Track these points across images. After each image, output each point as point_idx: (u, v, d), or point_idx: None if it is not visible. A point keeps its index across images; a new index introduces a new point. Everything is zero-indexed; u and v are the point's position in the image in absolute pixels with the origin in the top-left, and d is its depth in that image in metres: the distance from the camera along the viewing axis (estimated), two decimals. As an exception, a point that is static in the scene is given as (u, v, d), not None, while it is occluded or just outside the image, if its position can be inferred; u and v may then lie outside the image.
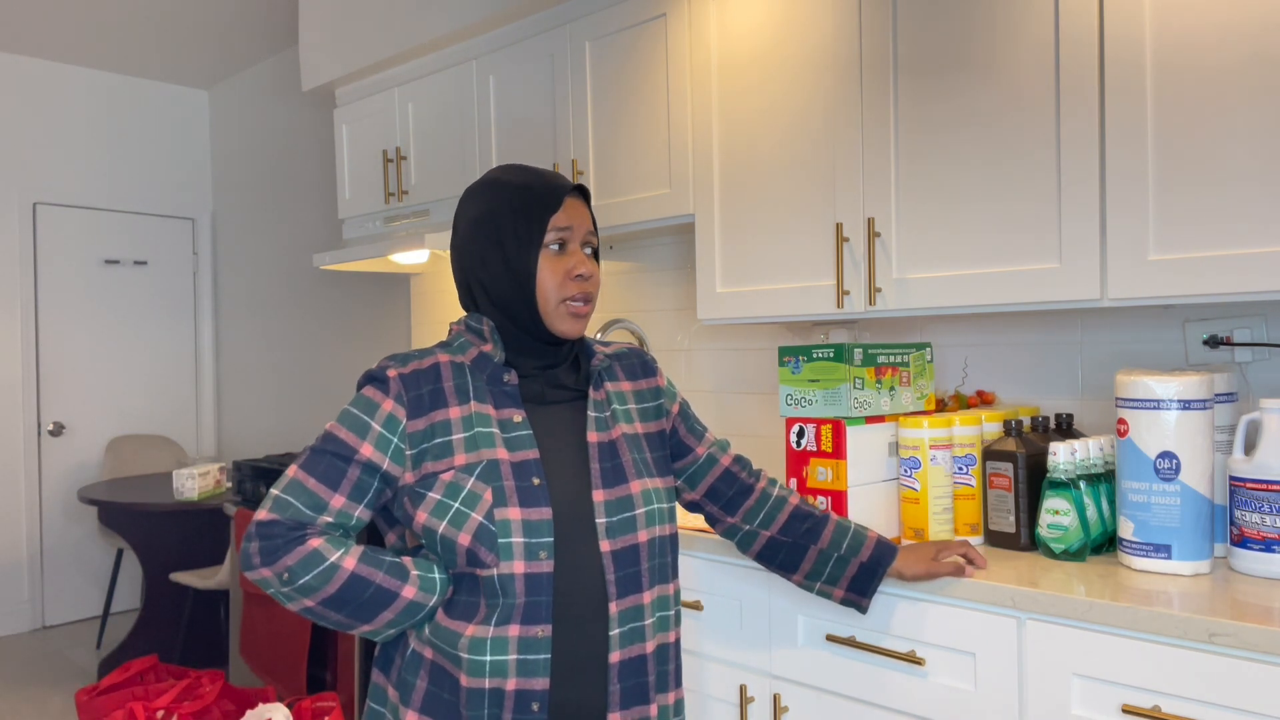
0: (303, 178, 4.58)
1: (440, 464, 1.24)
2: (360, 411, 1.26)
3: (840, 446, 1.67)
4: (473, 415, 1.27)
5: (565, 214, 1.29)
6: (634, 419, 1.38)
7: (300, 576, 1.20)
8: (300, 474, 1.24)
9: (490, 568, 1.22)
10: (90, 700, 2.77)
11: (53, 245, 4.76)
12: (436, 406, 1.26)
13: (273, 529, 1.22)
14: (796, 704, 1.72)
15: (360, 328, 4.22)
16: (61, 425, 4.75)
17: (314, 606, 1.22)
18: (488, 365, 1.30)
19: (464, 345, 1.32)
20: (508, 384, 1.30)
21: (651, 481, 1.34)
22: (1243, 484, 1.49)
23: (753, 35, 2.14)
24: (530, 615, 1.23)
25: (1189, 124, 1.52)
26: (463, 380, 1.29)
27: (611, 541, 1.27)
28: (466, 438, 1.25)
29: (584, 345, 1.40)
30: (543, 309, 1.29)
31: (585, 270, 1.29)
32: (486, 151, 2.84)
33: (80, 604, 4.83)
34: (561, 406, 1.34)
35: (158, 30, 4.39)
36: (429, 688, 1.26)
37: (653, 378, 1.45)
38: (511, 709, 1.22)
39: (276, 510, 1.23)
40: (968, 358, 2.16)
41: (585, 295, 1.30)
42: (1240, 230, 1.47)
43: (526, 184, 1.30)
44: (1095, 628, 1.37)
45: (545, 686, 1.23)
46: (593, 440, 1.31)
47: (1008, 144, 1.73)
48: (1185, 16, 1.52)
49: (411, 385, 1.27)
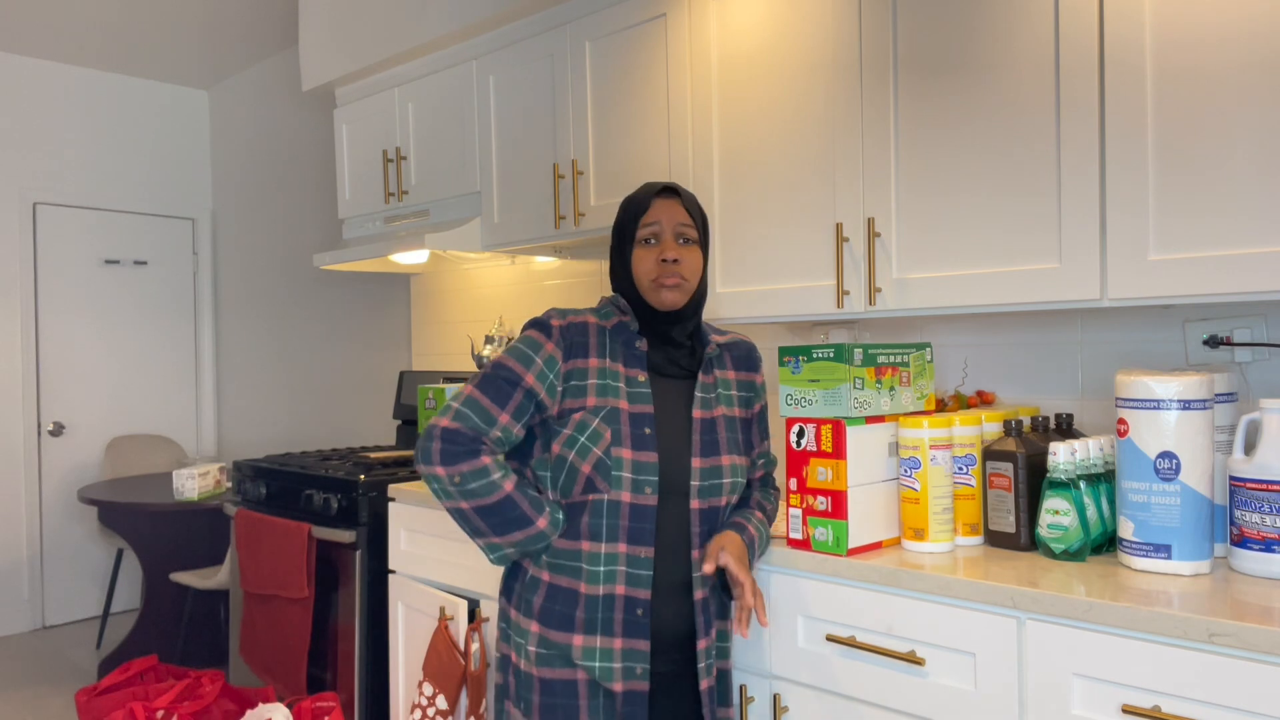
0: (303, 178, 4.58)
1: (575, 403, 1.55)
2: (527, 348, 1.57)
3: (840, 446, 1.67)
4: (606, 368, 1.57)
5: (653, 213, 1.60)
6: (734, 404, 1.68)
7: (470, 483, 1.51)
8: (476, 392, 1.54)
9: (603, 494, 1.52)
10: (90, 700, 2.77)
11: (53, 245, 4.76)
12: (582, 355, 1.57)
13: (456, 436, 1.52)
14: (796, 704, 1.72)
15: (360, 328, 4.22)
16: (61, 425, 4.75)
17: (468, 509, 1.53)
18: (624, 332, 1.62)
19: (608, 314, 1.64)
20: (638, 349, 1.61)
21: (738, 458, 1.64)
22: (1243, 484, 1.49)
23: (753, 35, 2.14)
24: (635, 537, 1.53)
25: (1189, 124, 1.52)
26: (603, 340, 1.60)
27: (701, 501, 1.58)
28: (598, 385, 1.56)
29: (701, 334, 1.68)
30: (641, 289, 1.60)
31: (671, 255, 1.57)
32: (486, 151, 2.83)
33: (80, 604, 4.83)
34: (677, 381, 1.63)
35: (158, 30, 4.39)
36: (544, 603, 1.55)
37: (755, 373, 1.74)
38: (622, 610, 1.52)
39: (459, 420, 1.52)
40: (968, 358, 2.16)
41: (673, 274, 1.57)
42: (1240, 230, 1.47)
43: (629, 197, 1.65)
44: (1095, 628, 1.36)
45: (647, 597, 1.53)
46: (697, 416, 1.61)
47: (1008, 143, 1.73)
48: (1185, 17, 1.52)
49: (567, 334, 1.58)
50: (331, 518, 2.87)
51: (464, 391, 1.55)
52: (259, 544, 3.01)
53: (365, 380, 4.20)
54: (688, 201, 1.63)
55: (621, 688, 1.52)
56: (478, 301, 3.53)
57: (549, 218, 2.64)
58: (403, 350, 3.97)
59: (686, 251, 1.59)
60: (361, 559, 2.77)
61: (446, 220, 2.98)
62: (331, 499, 2.87)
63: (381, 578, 2.81)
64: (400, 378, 3.67)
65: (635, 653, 1.52)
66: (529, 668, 1.56)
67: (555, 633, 1.54)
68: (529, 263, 3.31)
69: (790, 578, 1.73)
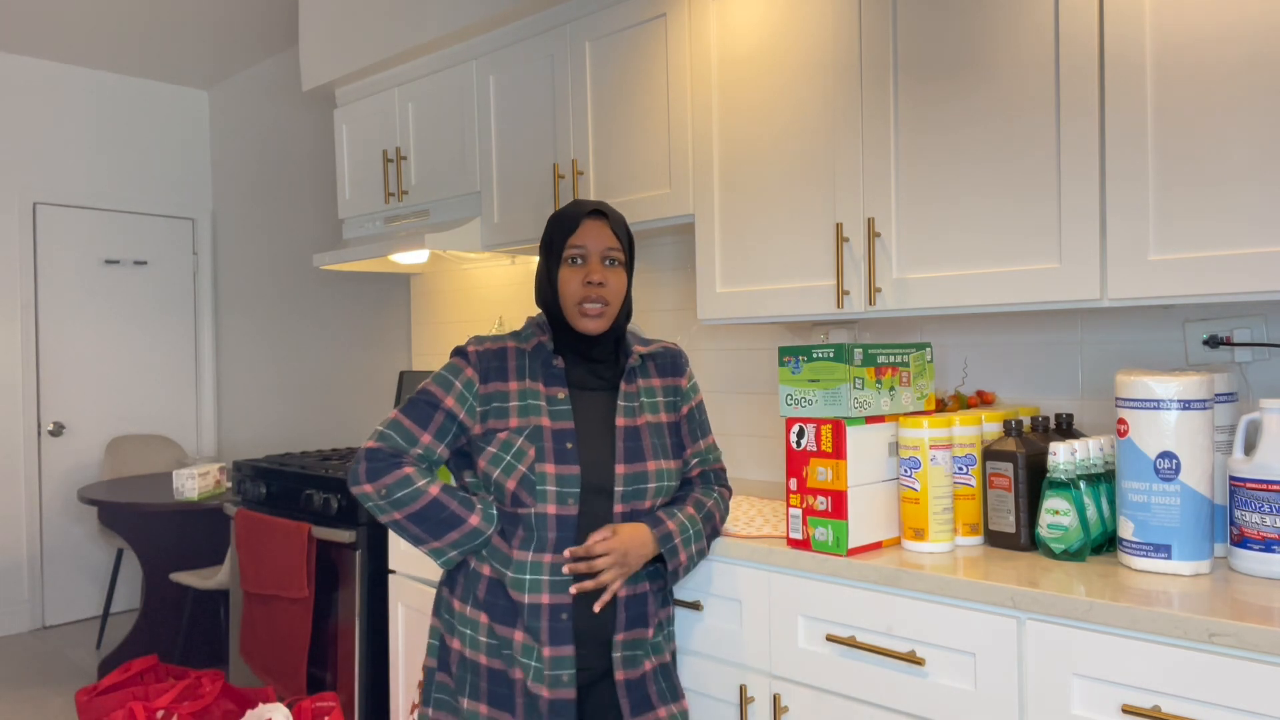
0: (303, 178, 4.58)
1: (499, 423, 1.63)
2: (448, 374, 1.66)
3: (840, 446, 1.67)
4: (526, 389, 1.65)
5: (582, 234, 1.65)
6: (659, 410, 1.73)
7: (395, 493, 1.59)
8: (399, 415, 1.64)
9: (529, 507, 1.60)
10: (90, 700, 2.77)
11: (53, 245, 4.76)
12: (501, 379, 1.65)
13: (377, 454, 1.61)
14: (796, 704, 1.72)
15: (360, 328, 4.22)
16: (61, 425, 4.75)
17: (400, 519, 1.60)
18: (542, 352, 1.68)
19: (529, 335, 1.70)
20: (556, 367, 1.67)
21: (666, 463, 1.70)
22: (1243, 484, 1.49)
23: (753, 35, 2.14)
24: (559, 546, 1.61)
25: (1189, 124, 1.52)
26: (522, 362, 1.67)
27: (624, 505, 1.64)
28: (520, 406, 1.63)
29: (625, 345, 1.73)
30: (565, 310, 1.66)
31: (597, 278, 1.62)
32: (486, 152, 2.84)
33: (80, 604, 4.83)
34: (599, 393, 1.69)
35: (158, 30, 4.39)
36: (488, 596, 1.63)
37: (678, 377, 1.78)
38: (547, 618, 1.59)
39: (381, 440, 1.62)
40: (968, 358, 2.16)
41: (598, 298, 1.63)
42: (1240, 230, 1.47)
43: (557, 213, 1.69)
44: (1095, 628, 1.36)
45: (570, 602, 1.60)
46: (620, 424, 1.67)
47: (1008, 144, 1.73)
48: (1185, 17, 1.52)
49: (483, 359, 1.66)
50: (331, 518, 2.87)
51: (389, 416, 1.65)
52: (259, 544, 3.01)
53: (365, 380, 4.20)
54: (615, 223, 1.68)
55: (549, 695, 1.59)
56: (477, 301, 3.53)
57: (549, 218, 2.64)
58: (402, 350, 3.97)
59: (612, 274, 1.65)
60: (361, 559, 2.77)
61: (446, 220, 2.98)
62: (331, 499, 2.87)
63: (381, 578, 2.81)
64: (400, 378, 3.67)
65: (562, 659, 1.60)
66: (476, 655, 1.64)
67: (501, 626, 1.62)
68: (529, 263, 3.31)
69: (790, 578, 1.73)
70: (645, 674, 1.68)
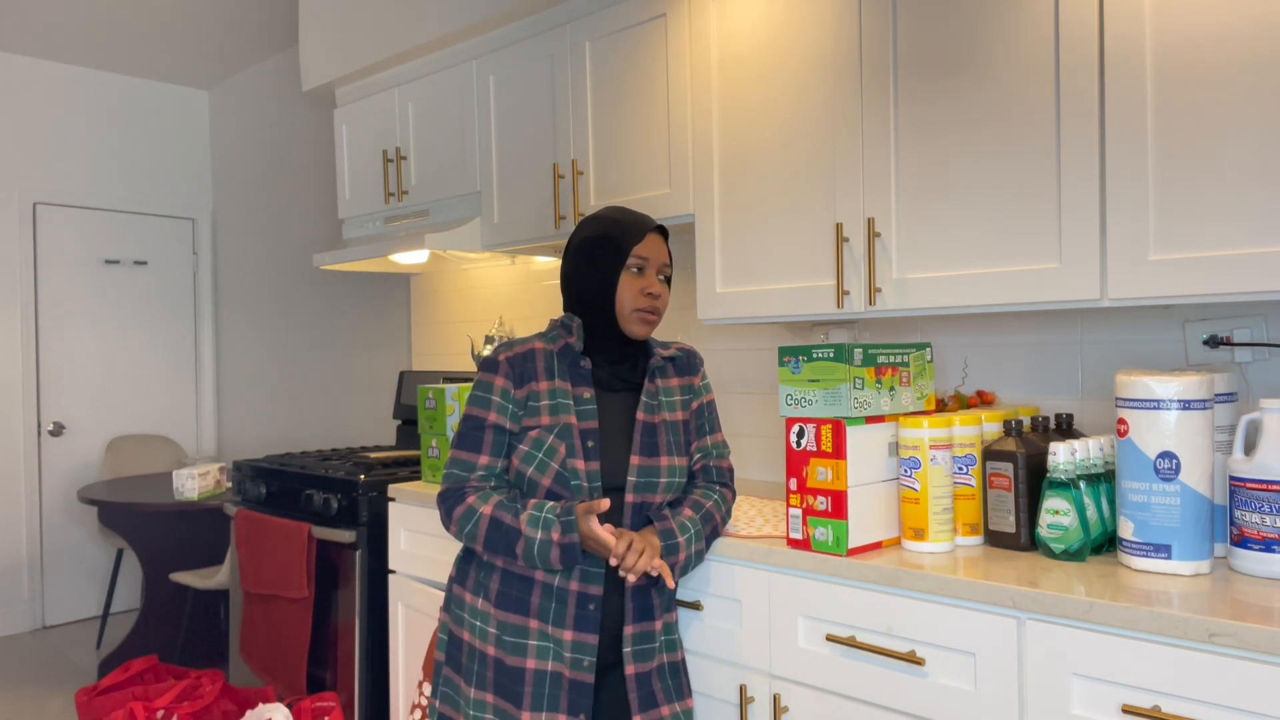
0: (303, 178, 4.58)
1: (532, 421, 1.69)
2: (482, 392, 1.71)
3: (840, 446, 1.67)
4: (556, 389, 1.71)
5: (645, 246, 1.72)
6: (676, 409, 1.81)
7: (464, 527, 1.67)
8: (454, 452, 1.71)
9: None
10: (90, 700, 2.77)
11: (53, 245, 4.76)
12: (533, 380, 1.71)
13: (447, 496, 1.70)
14: (796, 704, 1.72)
15: (360, 328, 4.22)
16: (61, 425, 4.75)
17: (481, 550, 1.67)
18: (569, 354, 1.74)
19: (555, 337, 1.76)
20: (583, 368, 1.74)
21: (678, 459, 1.77)
22: (1243, 484, 1.49)
23: (753, 34, 2.14)
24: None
25: (1189, 124, 1.52)
26: (550, 363, 1.73)
27: (635, 496, 1.71)
28: (550, 405, 1.69)
29: (646, 348, 1.81)
30: (620, 314, 1.72)
31: (656, 290, 1.72)
32: (486, 152, 2.83)
33: (80, 604, 4.83)
34: (623, 394, 1.77)
35: (158, 30, 4.39)
36: (500, 588, 1.69)
37: (692, 376, 1.86)
38: (574, 605, 1.66)
39: (447, 482, 1.71)
40: (968, 358, 2.16)
41: (654, 309, 1.73)
42: (1240, 230, 1.47)
43: (620, 219, 1.74)
44: (1095, 628, 1.36)
45: (600, 593, 1.67)
46: (640, 419, 1.74)
47: (1008, 143, 1.73)
48: (1185, 17, 1.52)
49: (515, 365, 1.71)
50: (331, 518, 2.87)
51: (450, 455, 1.73)
52: (259, 544, 3.01)
53: (365, 380, 4.20)
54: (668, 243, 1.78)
55: (570, 675, 1.64)
56: (478, 301, 3.53)
57: (549, 218, 2.64)
58: (402, 350, 3.97)
59: (664, 289, 1.75)
60: (361, 559, 2.77)
61: (446, 220, 2.98)
62: (331, 499, 2.87)
63: (381, 578, 2.81)
64: (400, 378, 3.67)
65: (584, 645, 1.65)
66: (485, 647, 1.69)
67: (513, 616, 1.67)
68: (529, 263, 3.31)
69: (790, 578, 1.73)
70: (654, 669, 1.71)
